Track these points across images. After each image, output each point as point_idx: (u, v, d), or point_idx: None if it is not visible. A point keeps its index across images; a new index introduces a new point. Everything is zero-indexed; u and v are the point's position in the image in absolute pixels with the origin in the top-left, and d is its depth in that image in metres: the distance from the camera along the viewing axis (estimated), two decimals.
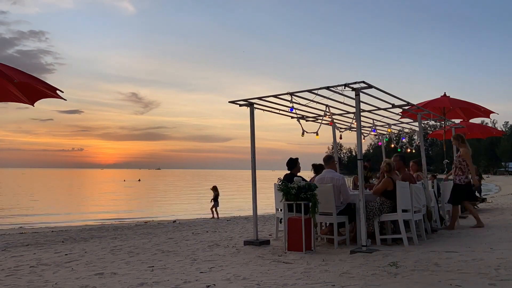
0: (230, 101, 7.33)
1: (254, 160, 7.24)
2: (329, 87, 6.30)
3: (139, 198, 33.43)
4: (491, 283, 3.89)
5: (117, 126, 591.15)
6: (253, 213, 7.21)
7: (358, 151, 6.41)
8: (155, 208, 23.70)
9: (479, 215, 8.54)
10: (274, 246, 6.70)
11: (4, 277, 4.93)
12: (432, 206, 7.78)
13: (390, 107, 7.98)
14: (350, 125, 9.75)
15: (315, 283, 4.17)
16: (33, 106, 5.49)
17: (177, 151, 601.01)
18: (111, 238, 9.15)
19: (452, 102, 10.41)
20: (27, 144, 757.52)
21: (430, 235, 7.37)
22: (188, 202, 27.99)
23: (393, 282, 4.08)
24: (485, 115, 11.56)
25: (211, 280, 4.39)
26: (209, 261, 5.61)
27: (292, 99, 6.88)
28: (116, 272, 5.02)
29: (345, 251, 5.95)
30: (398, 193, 6.46)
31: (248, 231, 9.05)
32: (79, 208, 23.48)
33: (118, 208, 23.46)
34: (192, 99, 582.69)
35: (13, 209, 21.83)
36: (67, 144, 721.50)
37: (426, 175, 8.26)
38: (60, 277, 4.87)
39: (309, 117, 8.72)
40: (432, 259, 5.10)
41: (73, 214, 20.06)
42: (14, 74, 4.65)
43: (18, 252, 7.14)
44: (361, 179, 6.12)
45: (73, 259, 6.08)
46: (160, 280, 4.49)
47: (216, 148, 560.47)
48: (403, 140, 10.97)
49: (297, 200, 6.09)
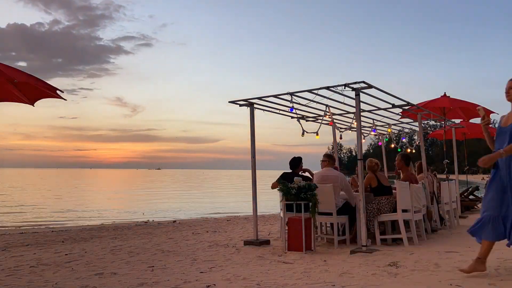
0: (230, 101, 7.32)
1: (254, 160, 7.24)
2: (329, 87, 6.31)
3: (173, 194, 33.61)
4: (491, 283, 3.89)
5: (109, 128, 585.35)
6: (253, 213, 7.21)
7: (358, 151, 6.41)
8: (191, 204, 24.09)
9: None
10: (274, 246, 6.71)
11: (4, 277, 4.93)
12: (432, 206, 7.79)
13: (390, 107, 7.98)
14: (350, 125, 9.76)
15: (315, 283, 4.17)
16: (33, 106, 5.49)
17: (168, 151, 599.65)
18: (111, 238, 9.15)
19: (452, 102, 10.41)
20: (26, 145, 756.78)
21: (430, 235, 7.37)
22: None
23: (393, 282, 4.08)
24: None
25: (211, 280, 4.39)
26: (209, 261, 5.61)
27: (292, 99, 6.89)
28: (116, 272, 5.02)
29: (345, 251, 5.95)
30: (398, 193, 6.47)
31: (248, 231, 9.05)
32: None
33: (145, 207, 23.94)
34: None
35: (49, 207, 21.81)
36: (62, 145, 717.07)
37: (427, 175, 8.26)
38: (60, 277, 4.87)
39: (309, 117, 8.72)
40: (432, 259, 5.10)
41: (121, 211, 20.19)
42: (14, 74, 4.65)
43: (18, 252, 7.13)
44: (361, 179, 6.12)
45: (73, 259, 6.08)
46: (160, 280, 4.49)
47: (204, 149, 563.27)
48: (403, 140, 10.98)
49: (297, 200, 6.10)
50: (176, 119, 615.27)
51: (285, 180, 6.51)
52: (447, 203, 8.69)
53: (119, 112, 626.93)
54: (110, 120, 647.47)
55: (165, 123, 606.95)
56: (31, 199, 26.55)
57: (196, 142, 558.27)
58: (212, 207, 21.28)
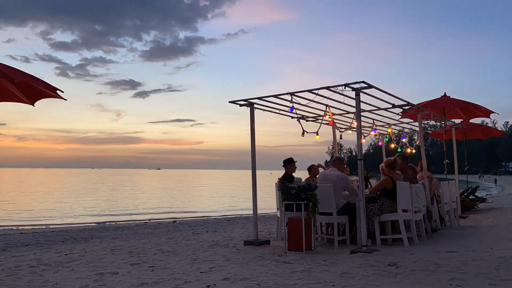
0: (230, 101, 7.33)
1: (254, 160, 7.23)
2: (329, 87, 6.31)
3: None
4: (491, 283, 3.89)
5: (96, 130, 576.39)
6: (253, 213, 7.21)
7: (358, 151, 6.41)
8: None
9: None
10: (274, 246, 6.70)
11: (5, 277, 4.93)
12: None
13: (390, 107, 7.98)
14: (350, 125, 9.76)
15: (315, 283, 4.17)
16: (34, 106, 5.49)
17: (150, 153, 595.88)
18: (112, 238, 9.16)
19: (452, 102, 10.41)
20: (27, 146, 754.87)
21: (430, 235, 7.37)
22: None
23: (393, 282, 4.08)
24: (485, 115, 11.56)
25: (211, 280, 4.39)
26: (209, 261, 5.61)
27: (292, 99, 6.89)
28: (116, 272, 5.02)
29: (345, 251, 5.95)
30: (399, 193, 6.46)
31: (248, 231, 9.05)
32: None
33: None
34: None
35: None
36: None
37: (427, 175, 8.26)
38: (61, 277, 4.87)
39: (309, 117, 8.72)
40: (432, 259, 5.09)
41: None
42: (14, 74, 4.65)
43: (18, 252, 7.14)
44: (361, 179, 6.12)
45: (74, 259, 6.08)
46: (160, 280, 4.49)
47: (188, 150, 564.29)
48: (403, 140, 10.97)
49: (298, 200, 6.10)
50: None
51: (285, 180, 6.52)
52: (447, 203, 8.69)
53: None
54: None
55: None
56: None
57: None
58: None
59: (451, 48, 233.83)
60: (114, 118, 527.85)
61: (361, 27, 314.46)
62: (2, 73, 4.50)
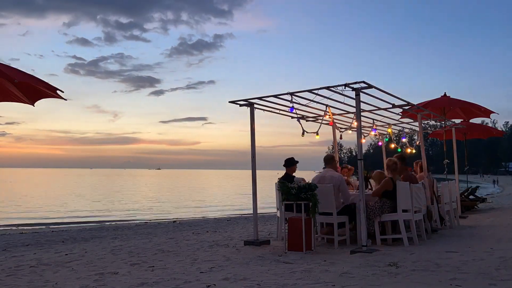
0: (230, 101, 7.32)
1: (254, 160, 7.23)
2: (329, 87, 6.31)
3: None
4: (491, 283, 3.89)
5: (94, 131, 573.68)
6: (253, 213, 7.21)
7: (358, 151, 6.41)
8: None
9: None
10: (274, 246, 6.70)
11: (5, 277, 4.93)
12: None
13: (390, 107, 7.98)
14: (350, 125, 9.76)
15: (315, 283, 4.17)
16: (34, 106, 5.49)
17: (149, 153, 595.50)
18: (112, 238, 9.16)
19: (452, 102, 10.41)
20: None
21: (430, 235, 7.36)
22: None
23: (393, 282, 4.08)
24: (485, 115, 11.56)
25: (211, 280, 4.39)
26: (209, 261, 5.61)
27: (292, 99, 6.88)
28: (116, 272, 5.02)
29: (345, 251, 5.95)
30: (399, 193, 6.46)
31: (248, 231, 9.05)
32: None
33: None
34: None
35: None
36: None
37: (427, 175, 8.25)
38: (61, 277, 4.87)
39: (309, 117, 8.72)
40: (432, 259, 5.09)
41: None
42: (14, 74, 4.65)
43: (19, 252, 7.14)
44: (361, 179, 6.12)
45: (74, 259, 6.08)
46: (160, 280, 4.49)
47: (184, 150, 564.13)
48: (403, 140, 10.97)
49: (298, 200, 6.09)
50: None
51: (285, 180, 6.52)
52: (447, 203, 8.68)
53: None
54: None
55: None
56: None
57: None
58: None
59: (451, 48, 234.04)
60: (111, 119, 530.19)
61: (361, 27, 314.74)
62: (2, 73, 4.50)
